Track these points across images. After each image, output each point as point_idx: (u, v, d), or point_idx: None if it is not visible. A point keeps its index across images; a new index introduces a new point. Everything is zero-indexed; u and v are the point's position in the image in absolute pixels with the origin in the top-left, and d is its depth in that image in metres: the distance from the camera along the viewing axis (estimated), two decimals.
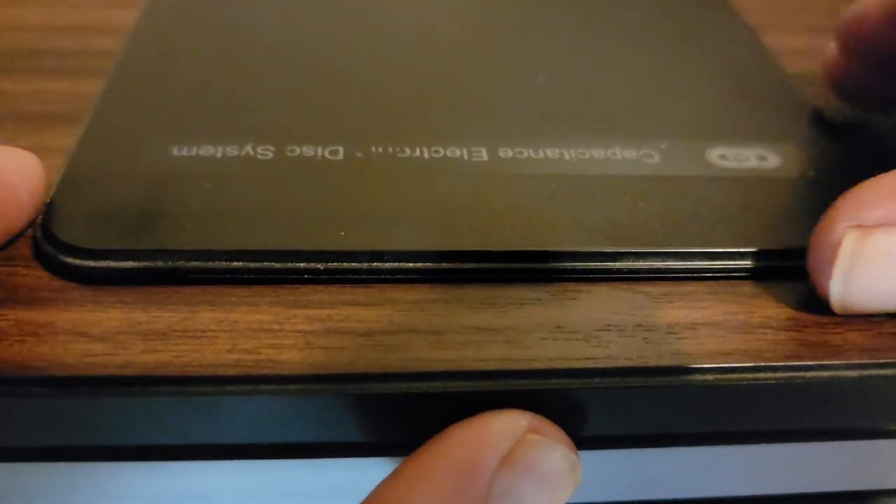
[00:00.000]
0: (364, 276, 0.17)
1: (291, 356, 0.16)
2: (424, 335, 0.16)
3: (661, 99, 0.24)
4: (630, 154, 0.21)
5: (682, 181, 0.20)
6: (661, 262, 0.18)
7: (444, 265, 0.18)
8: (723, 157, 0.21)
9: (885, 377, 0.16)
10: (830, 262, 0.15)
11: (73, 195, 0.18)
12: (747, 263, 0.18)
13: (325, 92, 0.24)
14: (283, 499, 0.18)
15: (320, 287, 0.17)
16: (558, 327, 0.17)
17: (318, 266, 0.17)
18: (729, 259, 0.18)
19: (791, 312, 0.17)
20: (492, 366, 0.16)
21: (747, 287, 0.18)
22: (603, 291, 0.18)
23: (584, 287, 0.18)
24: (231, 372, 0.15)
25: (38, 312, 0.16)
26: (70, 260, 0.17)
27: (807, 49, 0.26)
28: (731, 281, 0.18)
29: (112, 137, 0.20)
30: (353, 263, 0.17)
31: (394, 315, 0.17)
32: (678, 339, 0.17)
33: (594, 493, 0.19)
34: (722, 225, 0.19)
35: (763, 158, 0.21)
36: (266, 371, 0.15)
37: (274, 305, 0.17)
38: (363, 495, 0.18)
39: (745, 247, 0.18)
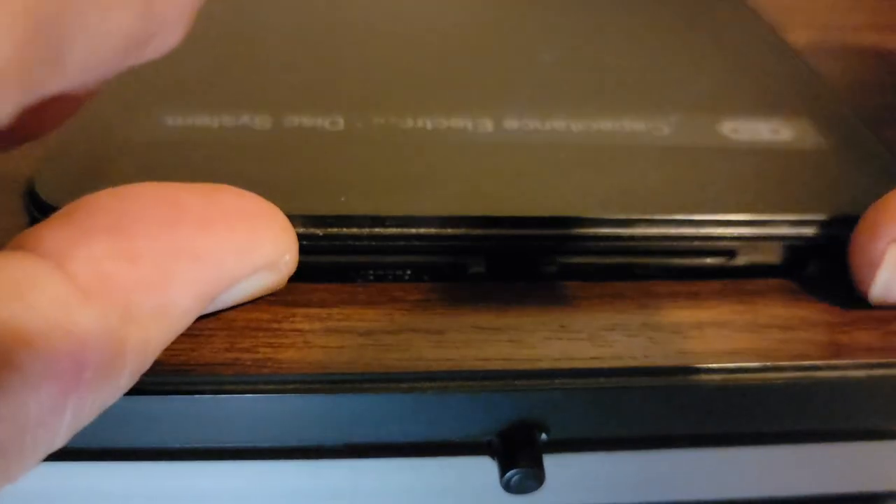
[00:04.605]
0: (364, 244, 0.17)
1: (290, 355, 0.15)
2: (426, 334, 0.16)
3: (670, 76, 0.24)
4: (639, 126, 0.20)
5: (694, 151, 0.20)
6: (675, 229, 0.17)
7: (449, 231, 0.17)
8: (735, 130, 0.21)
9: (893, 377, 0.16)
10: (873, 271, 0.17)
11: (61, 162, 0.18)
12: (763, 231, 0.18)
13: (325, 64, 0.23)
14: (281, 500, 0.18)
15: (320, 286, 0.17)
16: (562, 326, 0.16)
17: (317, 232, 0.16)
18: (745, 227, 0.18)
19: (798, 312, 0.17)
20: (494, 365, 0.15)
21: (754, 286, 0.18)
22: (607, 289, 0.17)
23: (587, 285, 0.18)
24: (229, 371, 0.15)
25: None
26: None
27: (809, 45, 0.26)
28: (738, 279, 0.18)
29: (102, 107, 0.19)
30: (354, 229, 0.17)
31: (394, 314, 0.16)
32: (684, 338, 0.16)
33: (600, 494, 0.18)
34: (736, 193, 0.18)
35: (776, 132, 0.21)
36: (264, 370, 0.15)
37: (272, 304, 0.16)
38: (362, 496, 0.18)
39: (761, 214, 0.18)
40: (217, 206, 0.14)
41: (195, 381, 0.15)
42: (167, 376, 0.15)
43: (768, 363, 0.16)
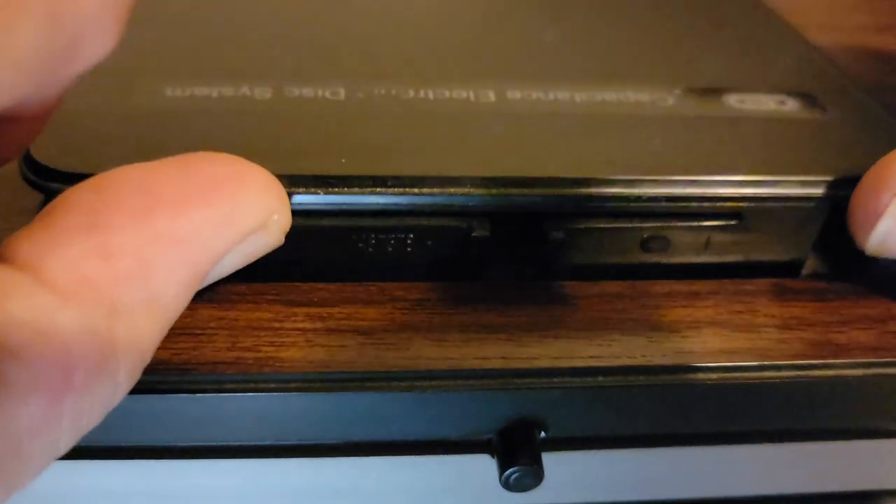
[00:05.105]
0: (366, 205, 0.16)
1: (292, 354, 0.15)
2: (426, 333, 0.16)
3: (674, 54, 0.23)
4: (643, 97, 0.20)
5: (699, 119, 0.19)
6: (682, 189, 0.17)
7: (451, 191, 0.16)
8: (741, 101, 0.20)
9: (889, 376, 0.16)
10: (873, 224, 0.17)
11: (59, 127, 0.17)
12: (770, 192, 0.17)
13: (327, 35, 0.22)
14: (282, 497, 0.18)
15: (321, 285, 0.17)
16: (561, 325, 0.17)
17: (318, 191, 0.16)
18: (752, 187, 0.17)
19: (795, 311, 0.17)
20: (494, 364, 0.16)
21: (751, 286, 0.18)
22: (606, 289, 0.18)
23: (586, 285, 0.18)
24: (230, 370, 0.15)
25: None
26: (54, 185, 0.16)
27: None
28: (736, 279, 0.18)
29: (102, 78, 0.19)
30: (355, 188, 0.16)
31: (395, 313, 0.17)
32: (682, 337, 0.16)
33: (597, 493, 0.19)
34: (742, 156, 0.18)
35: (782, 103, 0.20)
36: (266, 369, 0.15)
37: (274, 303, 0.17)
38: (363, 495, 0.18)
39: (767, 175, 0.17)
40: (191, 180, 0.13)
41: (197, 380, 0.15)
42: (169, 375, 0.15)
43: (765, 362, 0.16)
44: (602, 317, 0.17)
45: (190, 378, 0.15)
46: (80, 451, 0.16)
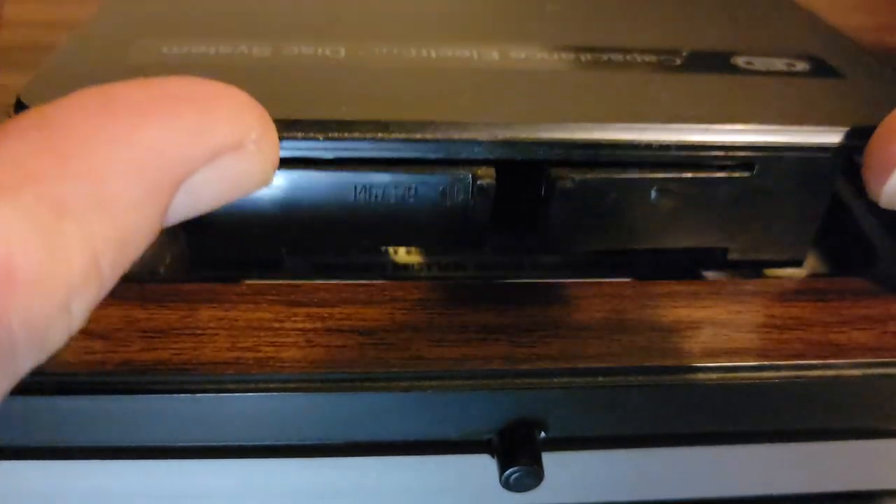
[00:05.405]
0: (367, 150, 0.16)
1: (292, 354, 0.15)
2: (426, 333, 0.16)
3: (679, 21, 0.23)
4: (650, 58, 0.19)
5: (708, 76, 0.19)
6: (692, 136, 0.16)
7: (455, 136, 0.16)
8: (749, 63, 0.20)
9: (889, 376, 0.16)
10: (888, 171, 0.16)
11: (51, 77, 0.17)
12: (782, 140, 0.17)
13: None
14: (283, 497, 0.18)
15: (321, 284, 0.17)
16: (561, 325, 0.17)
17: (317, 136, 0.16)
18: (764, 135, 0.17)
19: (795, 311, 0.17)
20: (494, 364, 0.16)
21: (751, 286, 0.18)
22: (606, 289, 0.18)
23: (585, 284, 0.18)
24: (231, 370, 0.15)
25: None
26: None
27: None
28: (735, 279, 0.18)
29: (98, 40, 0.19)
30: (356, 133, 0.16)
31: (395, 313, 0.17)
32: (682, 337, 0.16)
33: (597, 493, 0.19)
34: (753, 108, 0.17)
35: (791, 65, 0.20)
36: (266, 369, 0.15)
37: (274, 303, 0.17)
38: (364, 495, 0.18)
39: (779, 125, 0.17)
40: (159, 91, 0.13)
41: (198, 380, 0.15)
42: (170, 375, 0.15)
43: (765, 362, 0.16)
44: (602, 317, 0.17)
45: (190, 378, 0.15)
46: (81, 451, 0.16)
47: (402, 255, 0.21)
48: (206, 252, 0.18)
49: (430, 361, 0.16)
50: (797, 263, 0.19)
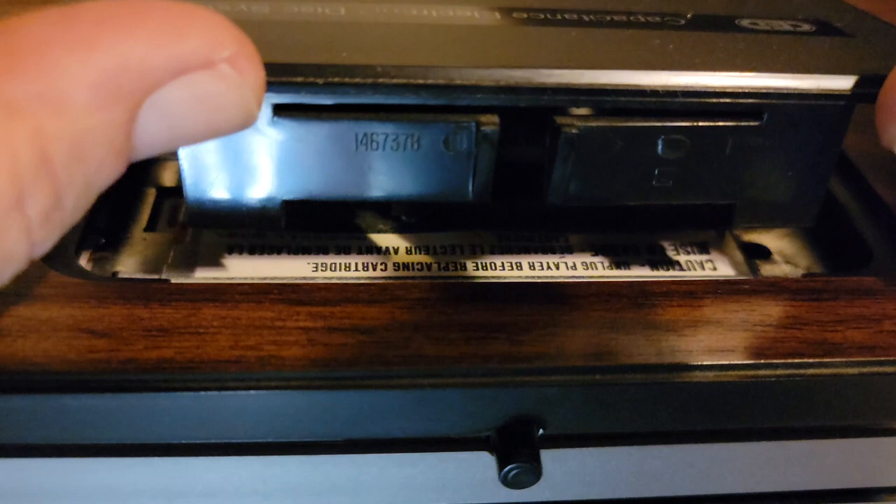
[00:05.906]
0: (367, 97, 0.15)
1: (294, 353, 0.16)
2: (426, 332, 0.16)
3: None
4: (654, 18, 0.19)
5: (712, 36, 0.18)
6: (700, 79, 0.16)
7: (458, 81, 0.15)
8: (754, 23, 0.19)
9: (884, 375, 0.17)
10: None
11: None
12: (791, 85, 0.16)
13: None
14: (284, 494, 0.18)
15: (322, 285, 0.17)
16: (559, 324, 0.17)
17: (317, 81, 0.15)
18: (773, 80, 0.16)
19: (791, 310, 0.17)
20: (493, 362, 0.16)
21: (748, 285, 0.18)
22: (604, 287, 0.18)
23: (584, 284, 0.18)
24: (233, 368, 0.15)
25: (41, 308, 0.16)
26: None
27: None
28: (731, 279, 0.18)
29: None
30: (357, 78, 0.15)
31: (395, 312, 0.17)
32: (678, 336, 0.17)
33: (595, 489, 0.19)
34: (761, 59, 0.17)
35: (797, 26, 0.19)
36: (268, 367, 0.15)
37: (276, 303, 0.17)
38: (364, 492, 0.18)
39: (788, 73, 0.16)
40: (125, 7, 0.12)
41: (200, 379, 0.15)
42: (173, 373, 0.15)
43: (761, 361, 0.16)
44: (600, 315, 0.17)
45: (193, 376, 0.15)
46: (85, 449, 0.17)
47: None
48: (204, 207, 0.17)
49: (429, 360, 0.16)
50: (806, 221, 0.19)
